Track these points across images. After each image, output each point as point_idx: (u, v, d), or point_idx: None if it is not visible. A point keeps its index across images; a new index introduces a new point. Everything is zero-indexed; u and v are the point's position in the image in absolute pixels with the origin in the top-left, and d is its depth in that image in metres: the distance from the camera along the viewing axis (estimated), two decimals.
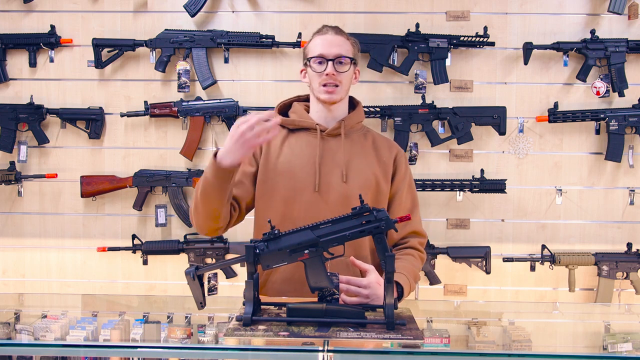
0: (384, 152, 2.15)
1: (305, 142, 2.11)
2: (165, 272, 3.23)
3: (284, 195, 2.07)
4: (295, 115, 2.17)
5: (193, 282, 1.77)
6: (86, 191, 3.13)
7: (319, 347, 1.56)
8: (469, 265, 3.09)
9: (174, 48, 3.11)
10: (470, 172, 3.11)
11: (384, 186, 2.11)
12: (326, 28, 2.11)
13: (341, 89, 2.08)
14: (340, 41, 2.08)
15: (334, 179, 2.07)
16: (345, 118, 2.13)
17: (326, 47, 2.06)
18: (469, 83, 3.12)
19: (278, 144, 2.13)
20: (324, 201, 2.05)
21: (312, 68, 2.08)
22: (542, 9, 3.09)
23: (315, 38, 2.10)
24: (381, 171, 2.11)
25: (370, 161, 2.12)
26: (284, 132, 2.15)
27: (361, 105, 2.22)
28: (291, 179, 2.07)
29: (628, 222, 3.12)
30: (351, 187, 2.06)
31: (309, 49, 2.11)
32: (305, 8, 3.14)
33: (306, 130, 2.13)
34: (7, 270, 3.27)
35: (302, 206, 2.05)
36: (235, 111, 3.10)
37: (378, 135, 2.22)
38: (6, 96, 3.20)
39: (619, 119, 3.01)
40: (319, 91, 2.08)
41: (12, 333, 1.94)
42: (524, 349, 1.77)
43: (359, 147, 2.13)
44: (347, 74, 2.08)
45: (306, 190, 2.06)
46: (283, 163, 2.09)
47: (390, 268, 1.65)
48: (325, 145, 2.10)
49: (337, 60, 2.05)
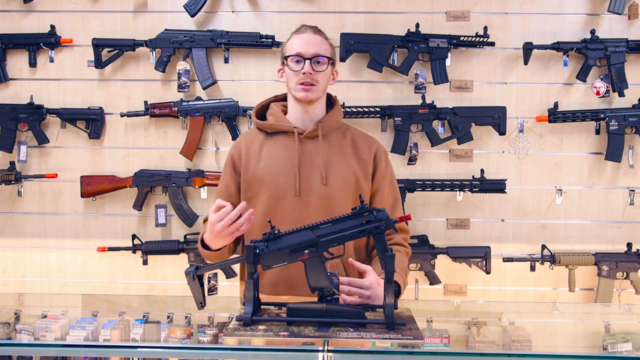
0: (363, 151, 2.14)
1: (283, 145, 2.11)
2: (165, 272, 3.23)
3: (266, 201, 2.07)
4: (272, 118, 2.15)
5: (193, 282, 1.77)
6: (86, 191, 3.13)
7: (319, 347, 1.56)
8: (469, 265, 3.09)
9: (174, 48, 3.11)
10: (470, 172, 3.11)
11: (365, 185, 2.11)
12: (304, 27, 2.10)
13: (318, 89, 2.07)
14: (318, 40, 2.07)
15: (314, 182, 2.07)
16: (323, 119, 2.12)
17: (304, 46, 2.05)
18: (469, 83, 3.12)
19: (256, 150, 2.13)
20: (305, 205, 2.06)
21: (289, 67, 2.07)
22: (542, 9, 3.09)
23: (293, 37, 2.10)
24: (361, 170, 2.11)
25: (350, 161, 2.11)
26: (262, 137, 2.15)
27: (339, 103, 2.21)
28: (272, 184, 2.08)
29: (628, 222, 3.12)
30: (331, 189, 2.06)
31: (287, 47, 2.10)
32: (305, 8, 3.14)
33: (284, 134, 2.12)
34: (7, 270, 3.27)
35: (284, 211, 2.05)
36: (235, 111, 3.09)
37: (357, 132, 2.21)
38: (6, 96, 3.20)
39: (619, 119, 3.01)
40: (295, 89, 2.07)
41: (12, 333, 1.94)
42: (524, 349, 1.77)
43: (337, 148, 2.12)
44: (324, 74, 2.07)
45: (287, 195, 2.06)
46: (263, 169, 2.09)
47: (390, 268, 1.66)
48: (303, 148, 2.10)
49: (315, 59, 2.05)
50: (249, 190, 2.11)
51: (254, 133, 2.18)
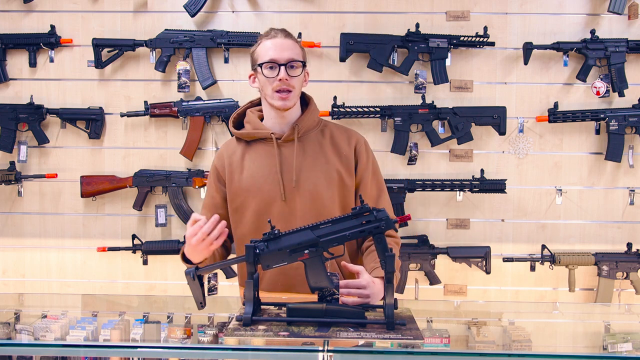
0: (343, 146, 2.13)
1: (263, 152, 2.11)
2: (165, 272, 3.23)
3: (255, 210, 2.08)
4: (249, 126, 2.15)
5: (193, 282, 1.78)
6: (86, 191, 3.13)
7: (319, 347, 1.56)
8: (469, 265, 3.09)
9: (174, 48, 3.10)
10: (470, 172, 3.11)
11: (348, 180, 2.10)
12: (275, 31, 2.07)
13: (294, 94, 2.06)
14: (291, 45, 2.05)
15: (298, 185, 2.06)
16: (298, 121, 2.11)
17: (277, 52, 2.02)
18: (469, 83, 3.12)
19: (238, 160, 2.12)
20: (292, 209, 2.06)
21: (263, 74, 2.04)
22: (542, 9, 3.09)
23: (265, 42, 2.06)
24: (343, 166, 2.10)
25: (330, 158, 2.10)
26: (242, 145, 2.15)
27: (313, 101, 2.19)
28: (258, 192, 2.07)
29: (628, 222, 3.12)
30: (315, 189, 2.06)
31: (258, 53, 2.06)
32: (305, 8, 3.13)
33: (263, 140, 2.12)
34: (7, 270, 3.27)
35: (273, 217, 2.03)
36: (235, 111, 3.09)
37: (335, 127, 2.19)
38: (6, 96, 3.20)
39: (619, 119, 3.01)
40: (272, 97, 2.05)
41: (12, 333, 1.94)
42: (524, 349, 1.77)
43: (316, 147, 2.11)
44: (299, 78, 2.06)
45: (275, 200, 2.07)
46: (247, 178, 2.09)
47: (390, 268, 1.66)
48: (283, 152, 2.09)
49: (289, 64, 2.02)
50: (236, 200, 2.11)
51: (234, 143, 2.18)
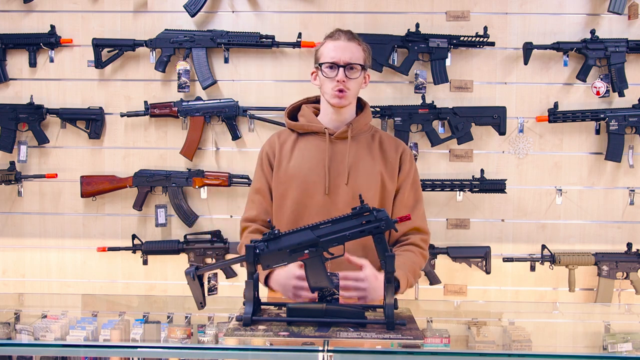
0: (390, 152, 2.20)
1: (314, 145, 2.17)
2: (165, 272, 3.23)
3: (296, 199, 2.14)
4: (304, 120, 2.22)
5: (193, 282, 1.77)
6: (86, 191, 3.13)
7: (319, 347, 1.56)
8: (469, 265, 3.09)
9: (174, 48, 3.10)
10: (470, 172, 3.11)
11: (390, 185, 2.16)
12: (339, 33, 2.15)
13: (350, 94, 2.13)
14: (352, 47, 2.12)
15: (342, 181, 2.13)
16: (353, 121, 2.19)
17: (338, 53, 2.10)
18: (469, 83, 3.12)
19: (289, 149, 2.19)
20: (333, 203, 2.11)
21: (323, 73, 2.12)
22: (542, 9, 3.09)
23: (328, 42, 2.15)
24: (387, 171, 2.16)
25: (377, 161, 2.17)
26: (294, 136, 2.22)
27: (369, 107, 2.27)
28: (302, 182, 2.14)
29: (628, 222, 3.12)
30: (358, 188, 2.10)
31: (322, 53, 2.15)
32: (305, 8, 3.13)
33: (315, 134, 2.19)
34: (7, 270, 3.27)
35: (313, 209, 2.11)
36: (235, 111, 3.09)
37: (385, 135, 2.27)
38: (6, 96, 3.20)
39: (619, 119, 3.01)
40: (329, 95, 2.13)
41: (12, 333, 1.94)
42: (524, 349, 1.77)
43: (366, 149, 2.18)
44: (357, 80, 2.13)
45: (317, 193, 2.12)
46: (294, 167, 2.16)
47: (390, 268, 1.66)
48: (333, 148, 2.16)
49: (349, 66, 2.10)
50: (280, 186, 2.17)
51: (286, 133, 2.25)
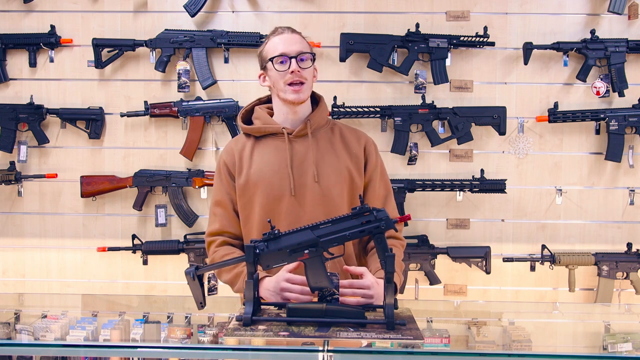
0: (353, 145, 2.13)
1: (273, 147, 2.10)
2: (165, 272, 3.23)
3: (263, 205, 2.06)
4: (259, 122, 2.14)
5: (193, 282, 1.78)
6: (86, 191, 3.13)
7: (319, 347, 1.56)
8: (469, 265, 3.09)
9: (174, 48, 3.10)
10: (470, 172, 3.11)
11: (358, 179, 2.11)
12: (281, 28, 2.10)
13: (306, 87, 2.07)
14: (298, 39, 2.08)
15: (308, 181, 2.06)
16: (311, 117, 2.11)
17: (287, 45, 2.04)
18: (469, 83, 3.12)
19: (248, 155, 2.12)
20: (301, 204, 2.05)
21: (275, 68, 2.05)
22: (542, 9, 3.09)
23: (272, 38, 2.09)
24: (353, 164, 2.11)
25: (341, 156, 2.10)
26: (251, 141, 2.14)
27: (324, 100, 2.19)
28: (267, 187, 2.07)
29: (628, 222, 3.12)
30: (325, 185, 2.05)
31: (267, 50, 2.08)
32: (305, 8, 3.13)
33: (273, 135, 2.12)
34: (7, 270, 3.27)
35: (282, 212, 2.05)
36: (235, 111, 3.09)
37: (345, 127, 2.20)
38: (6, 96, 3.20)
39: (619, 119, 3.01)
40: (285, 91, 2.06)
41: (12, 333, 1.94)
42: (524, 349, 1.77)
43: (327, 144, 2.12)
44: (310, 70, 2.07)
45: (283, 196, 2.06)
46: (256, 173, 2.09)
47: (390, 268, 1.66)
48: (294, 147, 2.09)
49: (299, 57, 2.04)
50: (245, 195, 2.10)
51: (243, 138, 2.17)
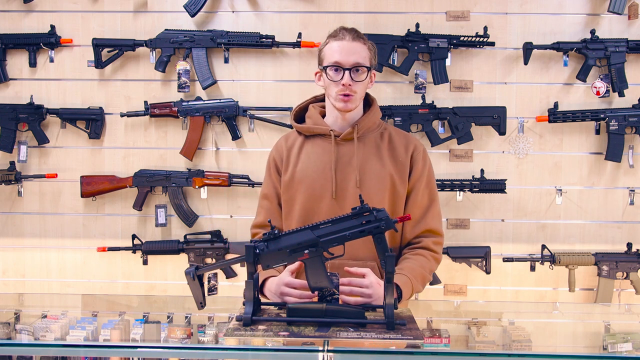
0: (400, 152, 2.11)
1: (321, 148, 2.10)
2: (165, 272, 3.23)
3: (304, 204, 2.08)
4: (310, 121, 2.15)
5: (193, 282, 1.77)
6: (86, 191, 3.13)
7: (319, 347, 1.56)
8: (469, 265, 3.09)
9: (174, 48, 3.10)
10: (470, 172, 3.11)
11: (400, 187, 2.08)
12: (343, 32, 2.03)
13: (356, 98, 2.04)
14: (358, 48, 2.01)
15: (350, 185, 2.06)
16: (359, 121, 2.10)
17: (343, 55, 1.99)
18: (469, 83, 3.12)
19: (296, 152, 2.13)
20: (341, 207, 2.04)
21: (328, 75, 2.02)
22: (542, 9, 3.09)
23: (332, 42, 2.03)
24: (397, 172, 2.08)
25: (386, 162, 2.09)
26: (301, 139, 2.15)
27: (376, 103, 2.18)
28: (309, 186, 2.07)
29: (628, 222, 3.12)
30: (366, 191, 2.04)
31: (325, 54, 2.04)
32: (305, 8, 3.13)
33: (321, 136, 2.12)
34: (7, 270, 3.27)
35: (321, 212, 2.05)
36: (235, 111, 3.09)
37: (395, 132, 2.17)
38: (6, 96, 3.20)
39: (619, 119, 3.01)
40: (335, 99, 2.05)
41: (12, 333, 1.94)
42: (524, 349, 1.77)
43: (374, 149, 2.10)
44: (363, 83, 2.03)
45: (324, 197, 2.06)
46: (301, 171, 2.10)
47: (390, 268, 1.65)
48: (340, 150, 2.08)
49: (354, 69, 2.00)
50: (288, 191, 2.11)
51: (294, 135, 2.19)
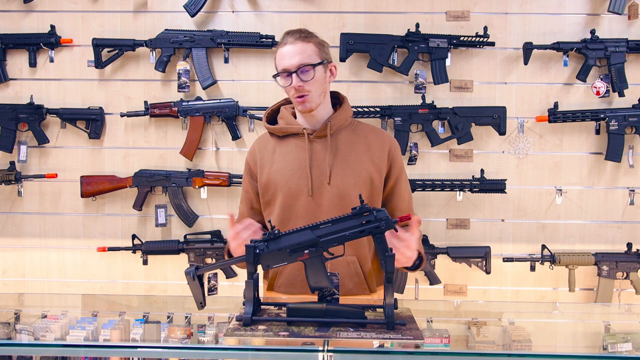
0: (376, 148, 2.13)
1: (294, 147, 2.12)
2: (165, 272, 3.23)
3: (282, 203, 2.09)
4: (282, 122, 2.17)
5: (193, 282, 1.78)
6: (86, 191, 3.13)
7: (319, 347, 1.56)
8: (469, 265, 3.09)
9: (174, 48, 3.11)
10: (470, 172, 3.11)
11: (378, 182, 2.11)
12: (286, 37, 2.07)
13: (312, 97, 2.06)
14: (300, 49, 2.03)
15: (326, 181, 2.07)
16: (331, 118, 2.12)
17: (287, 60, 2.03)
18: (469, 83, 3.12)
19: (270, 153, 2.14)
20: (318, 204, 2.06)
21: (280, 84, 2.07)
22: (542, 9, 3.09)
23: (279, 50, 2.07)
24: (374, 167, 2.10)
25: (362, 158, 2.10)
26: (274, 140, 2.16)
27: (347, 101, 2.20)
28: (286, 185, 2.09)
29: (628, 222, 3.12)
30: (343, 187, 2.06)
31: (276, 63, 2.09)
32: (305, 8, 3.14)
33: (295, 135, 2.13)
34: (7, 270, 3.27)
35: (299, 211, 2.07)
36: (235, 111, 3.09)
37: (369, 128, 2.19)
38: (6, 96, 3.20)
39: (619, 119, 3.01)
40: (294, 102, 2.09)
41: (12, 333, 1.94)
42: (524, 349, 1.77)
43: (348, 145, 2.12)
44: (314, 81, 2.05)
45: (301, 195, 2.08)
46: (277, 171, 2.11)
47: (390, 268, 1.66)
48: (314, 148, 2.10)
49: (300, 70, 2.02)
50: (266, 193, 2.13)
51: (267, 137, 2.20)
